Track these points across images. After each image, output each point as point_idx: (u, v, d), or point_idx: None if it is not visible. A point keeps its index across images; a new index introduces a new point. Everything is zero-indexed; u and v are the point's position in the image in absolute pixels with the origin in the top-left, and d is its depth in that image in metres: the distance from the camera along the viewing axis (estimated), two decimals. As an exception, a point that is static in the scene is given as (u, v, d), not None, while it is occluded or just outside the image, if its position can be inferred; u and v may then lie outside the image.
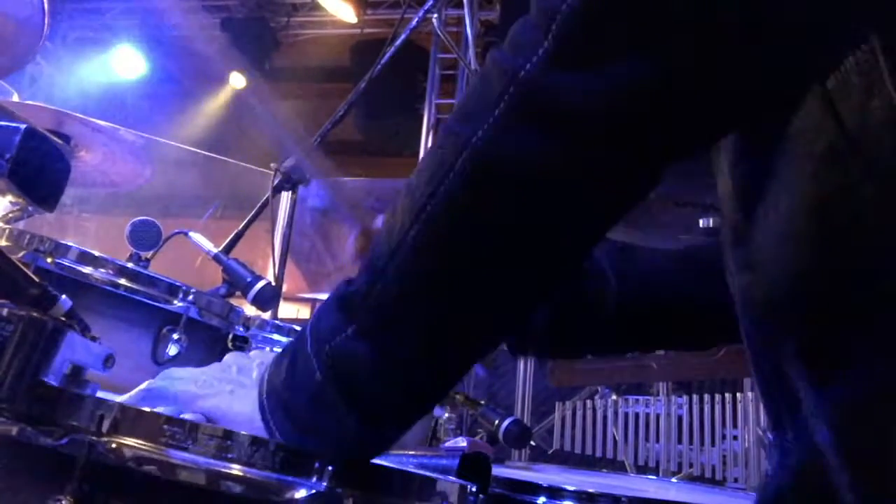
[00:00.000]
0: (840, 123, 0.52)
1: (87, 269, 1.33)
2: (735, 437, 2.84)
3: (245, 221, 1.81)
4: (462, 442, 0.89)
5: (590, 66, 0.52)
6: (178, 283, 1.42)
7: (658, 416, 3.01)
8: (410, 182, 0.60)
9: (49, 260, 1.31)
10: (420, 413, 0.66)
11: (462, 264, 0.58)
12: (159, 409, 0.66)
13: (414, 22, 2.10)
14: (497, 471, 0.84)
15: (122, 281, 1.36)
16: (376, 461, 0.66)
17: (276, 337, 1.62)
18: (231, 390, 0.68)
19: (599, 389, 3.20)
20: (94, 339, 0.73)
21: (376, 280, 0.60)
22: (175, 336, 1.38)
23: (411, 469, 0.71)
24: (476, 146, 0.55)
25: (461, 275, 0.58)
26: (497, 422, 1.20)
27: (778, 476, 0.58)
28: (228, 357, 0.75)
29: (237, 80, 6.81)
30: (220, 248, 1.60)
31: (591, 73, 0.52)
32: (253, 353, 0.78)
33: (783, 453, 0.58)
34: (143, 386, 0.72)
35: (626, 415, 3.07)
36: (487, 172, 0.56)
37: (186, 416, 0.67)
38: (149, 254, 1.60)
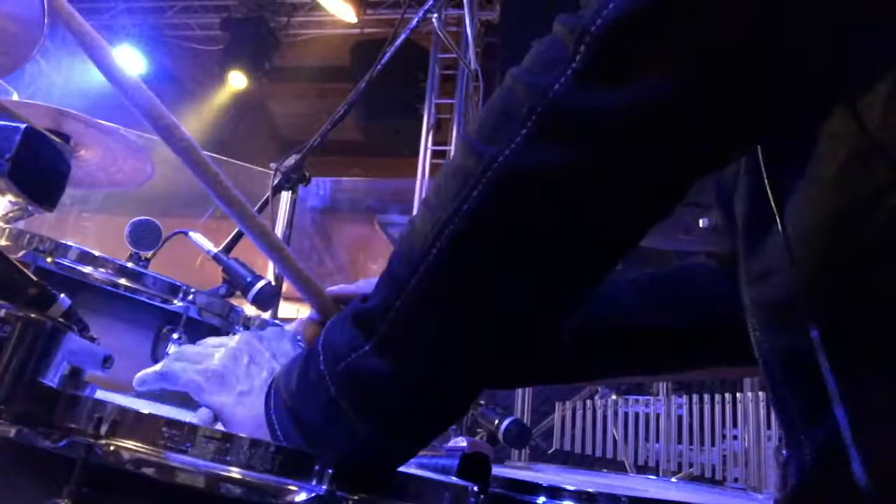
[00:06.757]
0: (863, 128, 0.52)
1: (86, 269, 1.33)
2: (735, 437, 2.84)
3: (245, 221, 1.80)
4: (462, 442, 0.88)
5: (618, 83, 0.53)
6: (178, 283, 1.42)
7: (658, 416, 3.02)
8: (429, 200, 0.61)
9: (49, 260, 1.31)
10: (442, 426, 0.65)
11: (488, 278, 0.58)
12: (161, 411, 0.66)
13: (414, 22, 2.09)
14: (497, 471, 0.84)
15: (122, 281, 1.36)
16: None
17: (275, 337, 1.62)
18: (239, 392, 0.68)
19: (599, 389, 3.20)
20: (92, 339, 0.73)
21: (397, 296, 0.60)
22: (175, 336, 1.38)
23: (412, 469, 0.71)
24: (504, 164, 0.55)
25: (486, 288, 0.58)
26: (497, 421, 1.20)
27: (793, 475, 0.59)
28: (242, 340, 0.74)
29: (237, 80, 6.83)
30: (220, 248, 1.60)
31: (620, 90, 0.53)
32: (267, 330, 0.78)
33: (797, 452, 0.58)
34: (159, 365, 0.72)
35: (626, 415, 3.08)
36: (516, 188, 0.56)
37: (193, 417, 0.67)
38: (149, 254, 1.60)
